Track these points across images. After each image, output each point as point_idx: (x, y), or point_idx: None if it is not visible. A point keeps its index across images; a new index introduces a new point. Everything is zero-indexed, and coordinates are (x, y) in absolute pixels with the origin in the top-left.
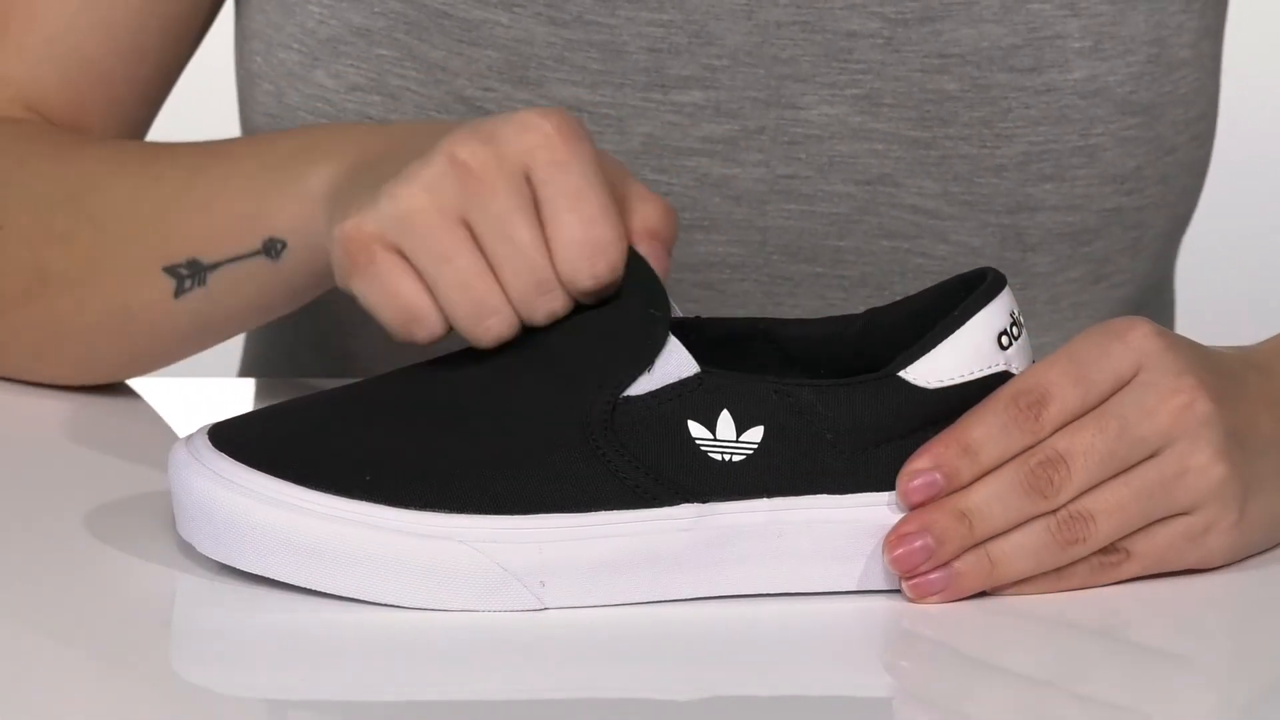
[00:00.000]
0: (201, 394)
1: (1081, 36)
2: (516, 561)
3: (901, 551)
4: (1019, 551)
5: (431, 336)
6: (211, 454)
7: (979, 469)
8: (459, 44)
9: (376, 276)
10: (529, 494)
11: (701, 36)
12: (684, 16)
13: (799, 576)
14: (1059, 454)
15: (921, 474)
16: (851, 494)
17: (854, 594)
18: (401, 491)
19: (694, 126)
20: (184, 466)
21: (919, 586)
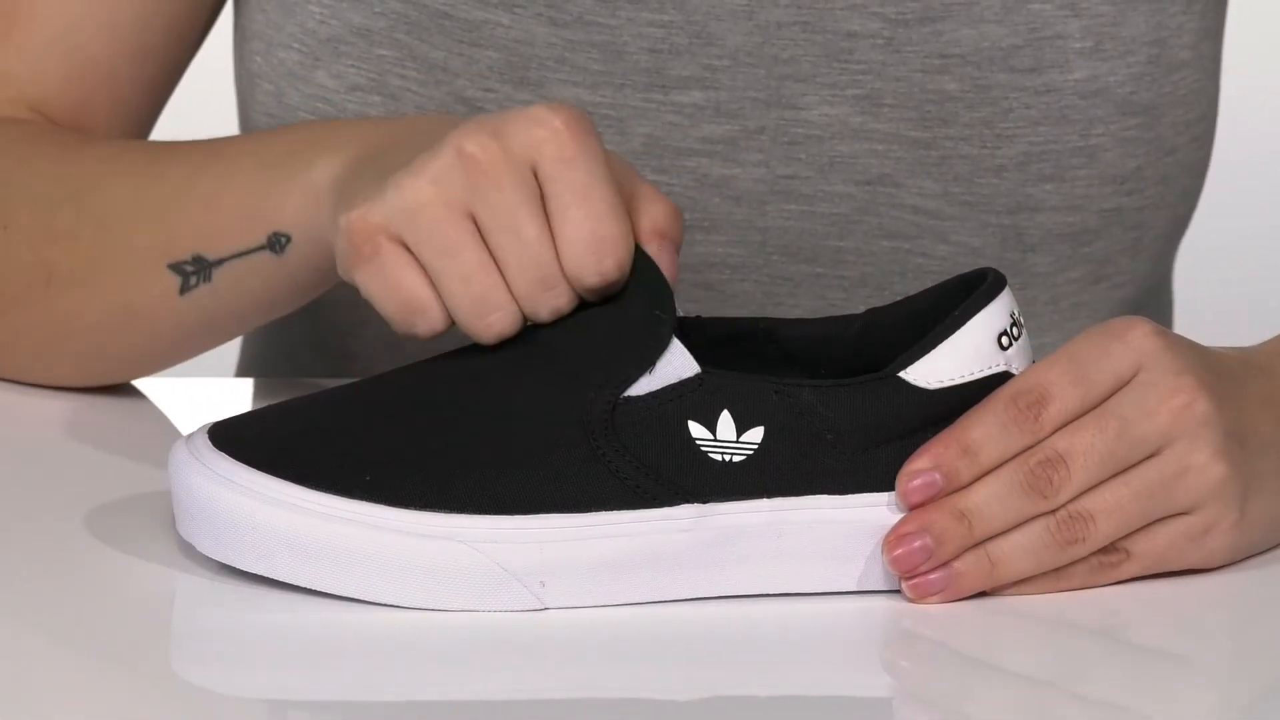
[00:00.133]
0: (201, 394)
1: (1082, 37)
2: (516, 561)
3: (901, 552)
4: (1019, 551)
5: (432, 330)
6: (212, 454)
7: (979, 469)
8: (460, 44)
9: (380, 267)
10: (529, 494)
11: (702, 37)
12: (684, 17)
13: (799, 576)
14: (1059, 454)
15: (921, 474)
16: (851, 494)
17: (854, 594)
18: (401, 491)
19: (694, 127)
20: (184, 466)
21: (919, 587)
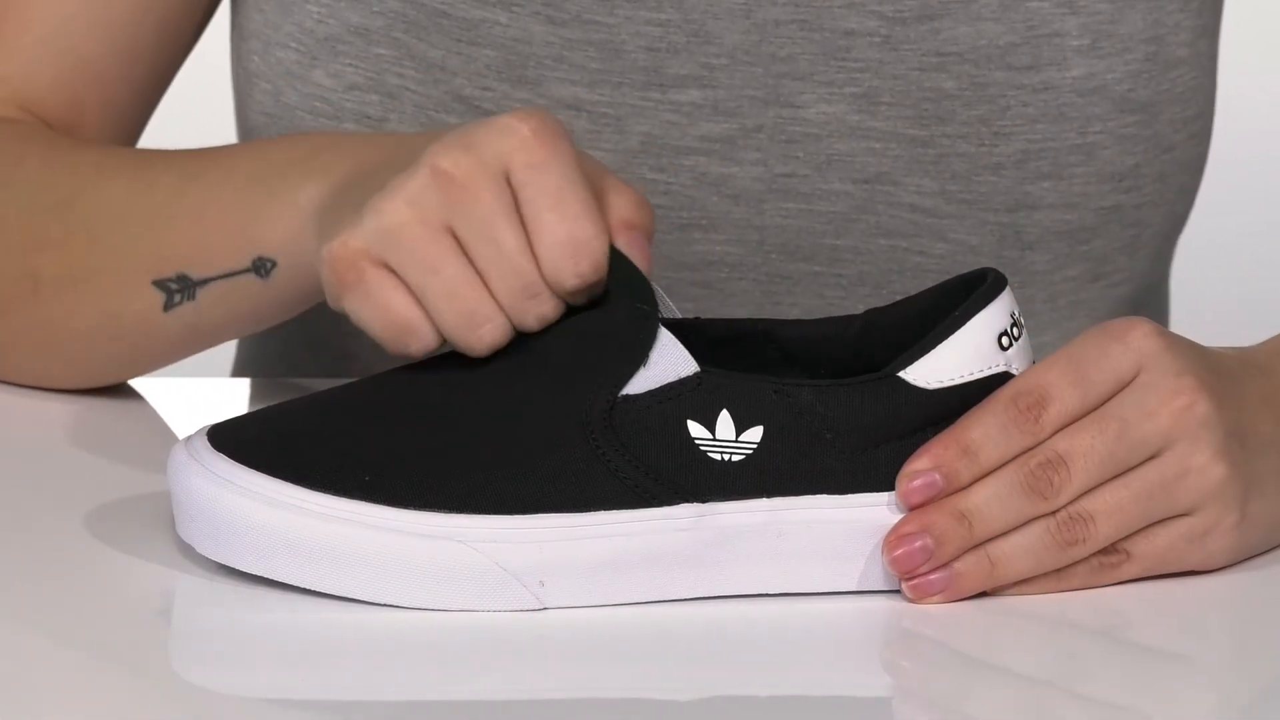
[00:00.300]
0: (198, 394)
1: (1079, 35)
2: (516, 561)
3: (901, 552)
4: (1019, 552)
5: (425, 348)
6: (211, 455)
7: (979, 470)
8: (457, 43)
9: (366, 293)
10: (528, 494)
11: (700, 35)
12: (682, 16)
13: (799, 576)
14: (1059, 455)
15: (921, 475)
16: (851, 494)
17: (854, 594)
18: (401, 491)
19: (692, 125)
20: (183, 467)
21: (919, 587)
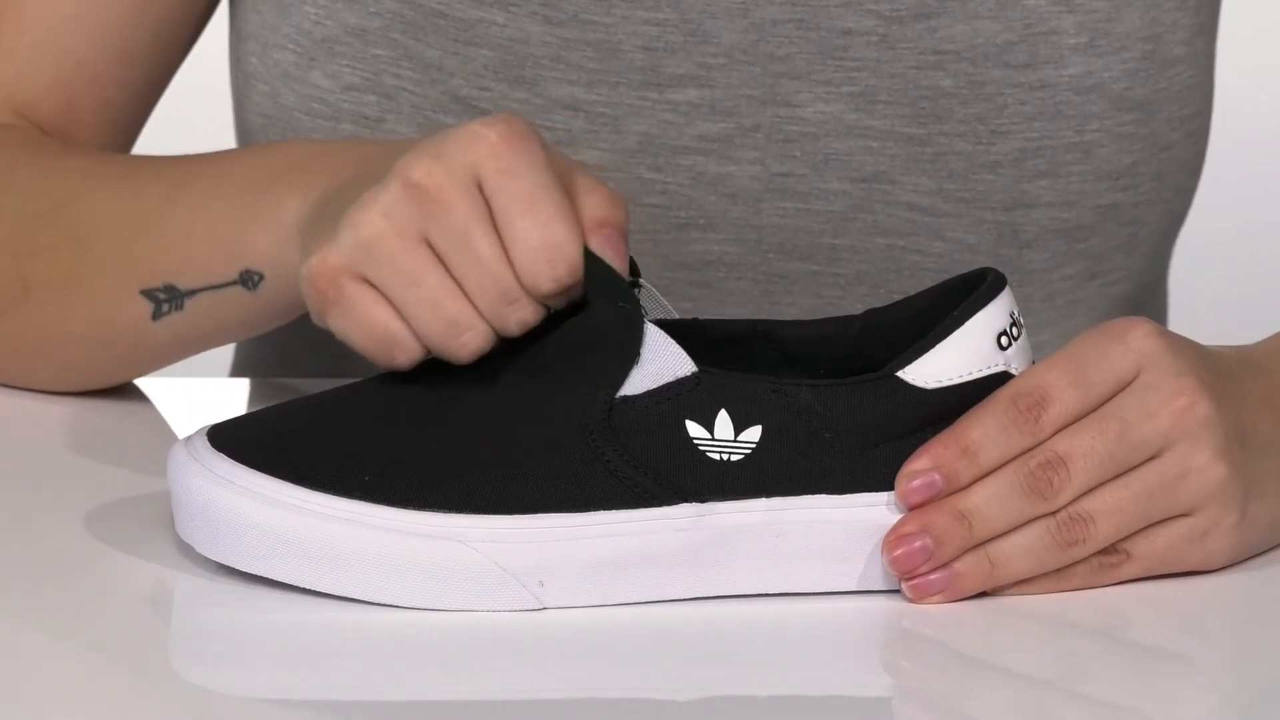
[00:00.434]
0: (199, 394)
1: (1076, 33)
2: (515, 561)
3: (901, 552)
4: (1019, 552)
5: (410, 360)
6: (211, 454)
7: (978, 470)
8: (455, 43)
9: (349, 308)
10: (528, 494)
11: (697, 35)
12: (679, 15)
13: (798, 576)
14: (1059, 456)
15: (920, 475)
16: (850, 494)
17: (854, 594)
18: (400, 491)
19: (689, 125)
20: (183, 467)
21: (919, 587)
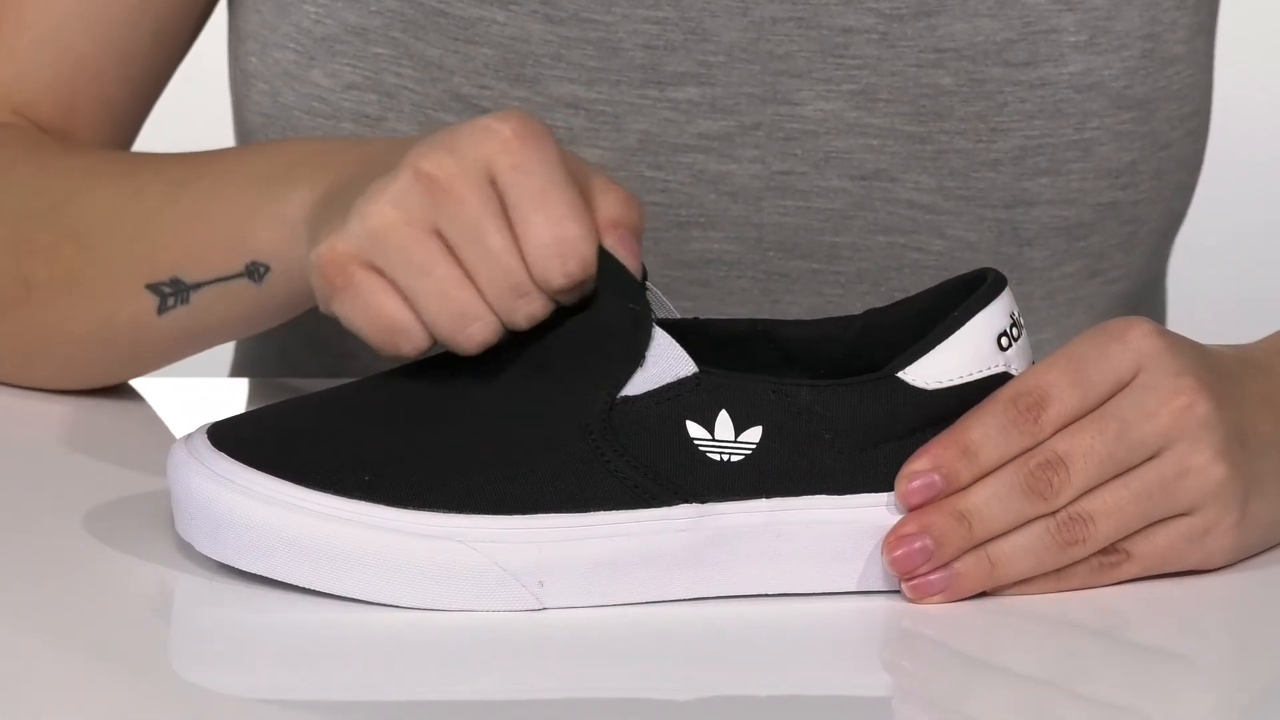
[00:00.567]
0: (199, 394)
1: (1076, 31)
2: (515, 561)
3: (901, 553)
4: (1019, 552)
5: (416, 349)
6: (211, 453)
7: (978, 470)
8: (455, 42)
9: (356, 296)
10: (528, 494)
11: (697, 33)
12: (679, 13)
13: (798, 577)
14: (1058, 456)
15: (920, 475)
16: (850, 495)
17: (854, 594)
18: (400, 491)
19: (690, 123)
20: (183, 466)
21: (919, 587)
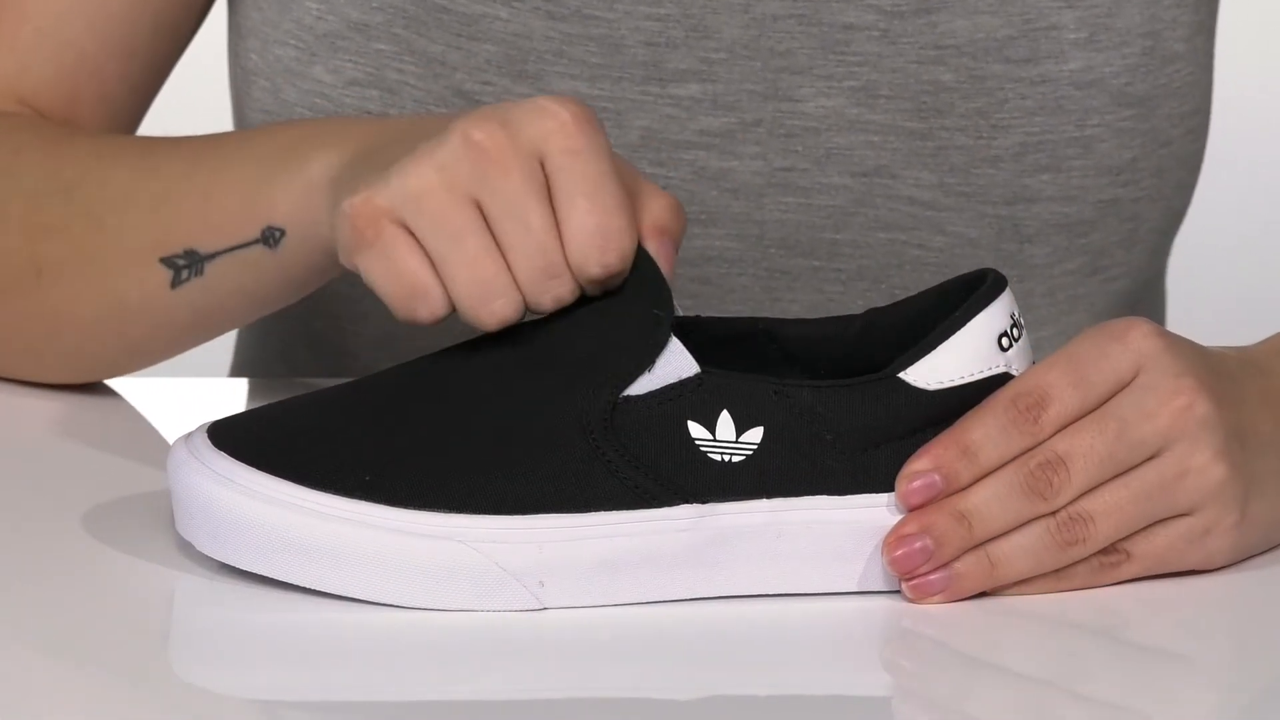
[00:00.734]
0: (198, 394)
1: (1077, 28)
2: (515, 561)
3: (901, 553)
4: (1019, 552)
5: (434, 316)
6: (211, 453)
7: (978, 470)
8: (458, 38)
9: (383, 251)
10: (528, 494)
11: (699, 30)
12: (681, 10)
13: (798, 577)
14: (1058, 456)
15: (921, 475)
16: (851, 495)
17: (854, 594)
18: (401, 491)
19: (691, 120)
20: (183, 465)
21: (919, 587)
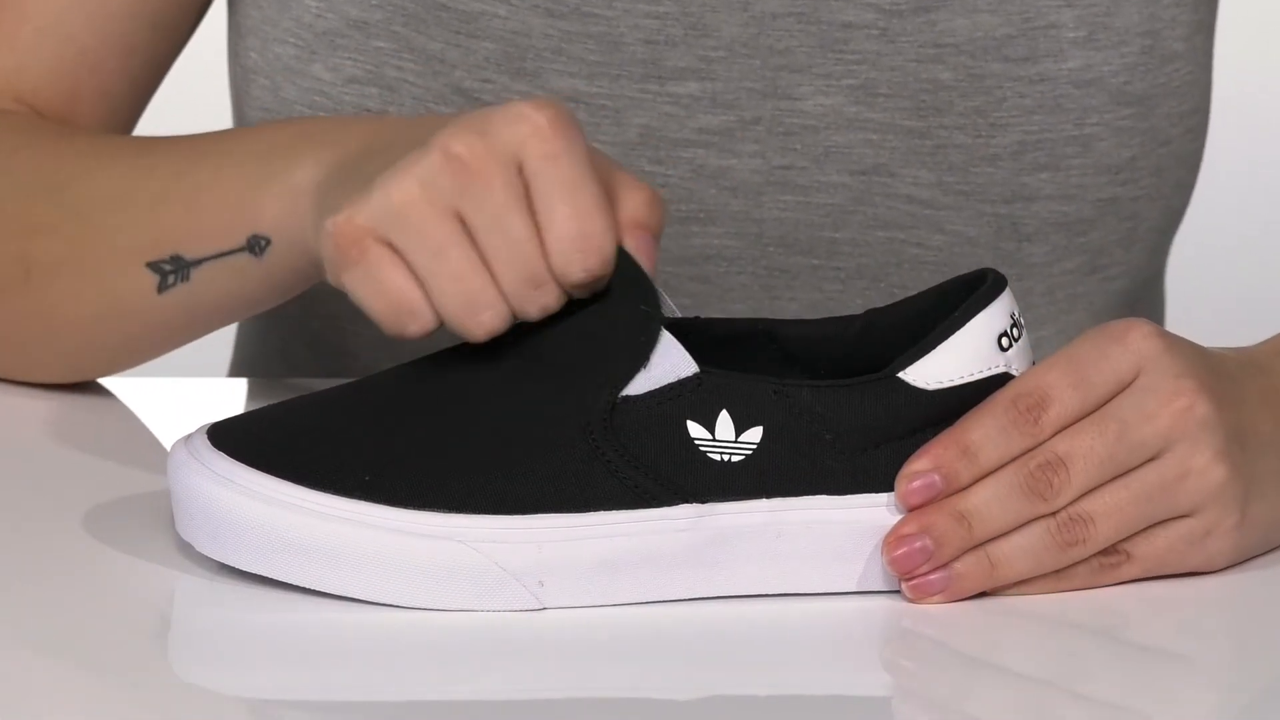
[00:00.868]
0: (198, 394)
1: (1075, 26)
2: (515, 561)
3: (901, 553)
4: (1019, 553)
5: (423, 330)
6: (211, 453)
7: (978, 471)
8: (457, 35)
9: (368, 270)
10: (528, 494)
11: (698, 28)
12: (680, 8)
13: (798, 577)
14: (1058, 456)
15: (920, 475)
16: (850, 495)
17: (854, 594)
18: (400, 491)
19: (690, 118)
20: (183, 466)
21: (919, 588)
